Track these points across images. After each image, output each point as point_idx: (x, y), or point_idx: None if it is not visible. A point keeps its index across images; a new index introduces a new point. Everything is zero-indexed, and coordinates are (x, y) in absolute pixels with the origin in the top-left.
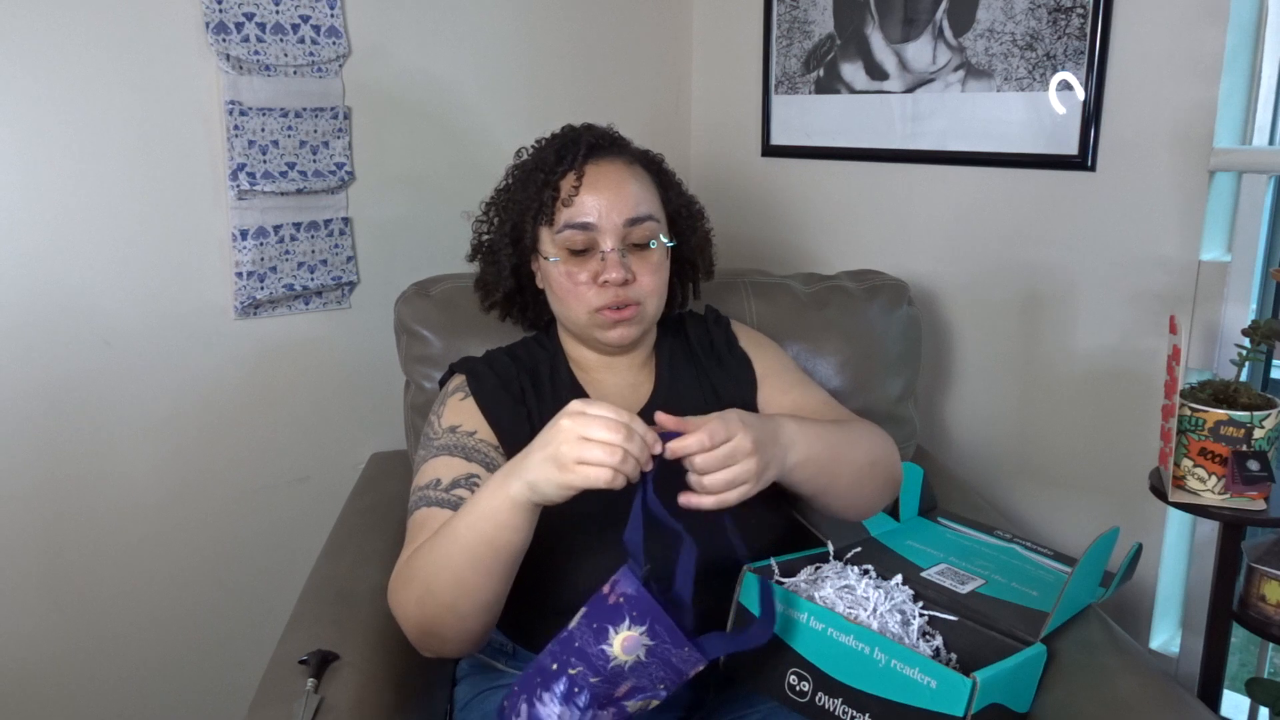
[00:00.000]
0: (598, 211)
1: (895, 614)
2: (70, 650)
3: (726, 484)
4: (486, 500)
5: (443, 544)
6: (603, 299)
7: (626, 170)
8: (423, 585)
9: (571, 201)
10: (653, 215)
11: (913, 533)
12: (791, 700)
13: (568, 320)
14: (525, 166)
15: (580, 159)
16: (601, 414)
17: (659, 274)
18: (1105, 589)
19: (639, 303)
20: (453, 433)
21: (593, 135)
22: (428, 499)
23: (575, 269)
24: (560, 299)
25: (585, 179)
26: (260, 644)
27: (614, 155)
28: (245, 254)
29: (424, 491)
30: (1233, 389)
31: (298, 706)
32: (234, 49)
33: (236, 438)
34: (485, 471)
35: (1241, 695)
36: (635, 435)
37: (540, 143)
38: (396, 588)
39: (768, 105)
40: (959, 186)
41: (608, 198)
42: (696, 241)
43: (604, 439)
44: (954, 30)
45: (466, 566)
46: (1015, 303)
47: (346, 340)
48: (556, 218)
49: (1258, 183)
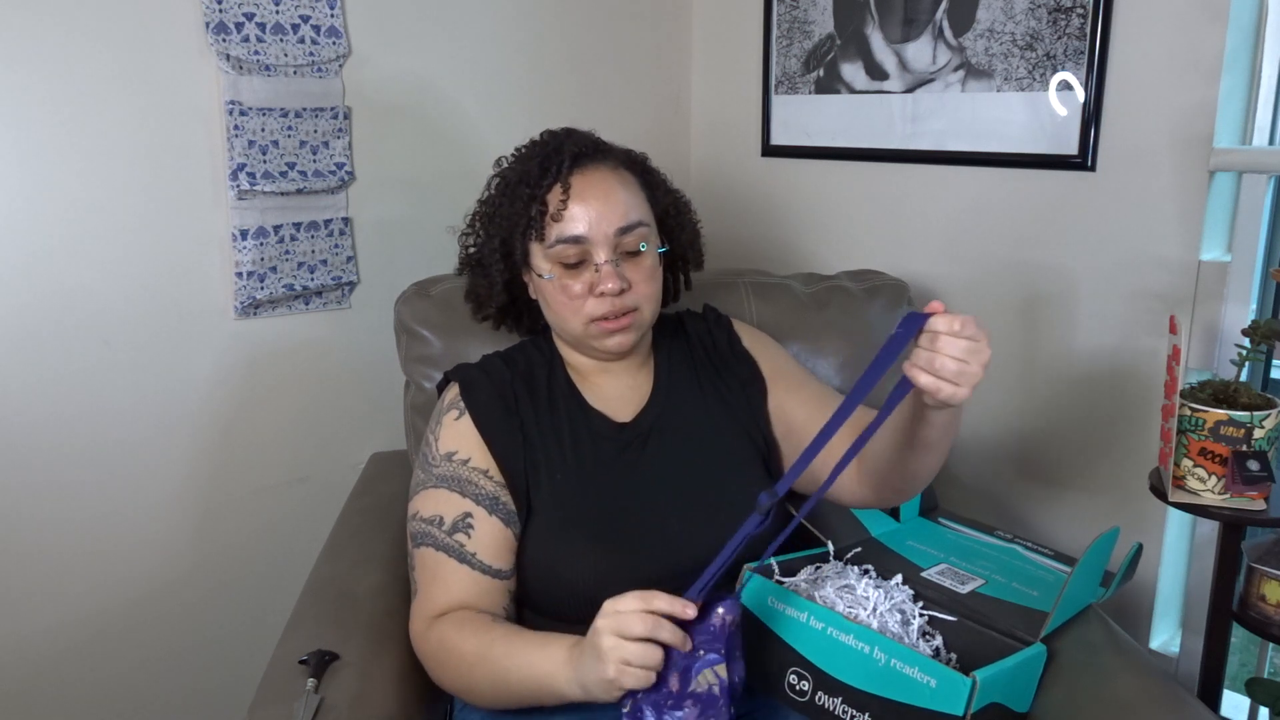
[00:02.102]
0: (588, 223)
1: (895, 614)
2: (70, 650)
3: (954, 375)
4: (539, 681)
5: (490, 674)
6: (599, 309)
7: (613, 176)
8: (464, 684)
9: (561, 215)
10: (643, 221)
11: (913, 533)
12: (791, 699)
13: (564, 332)
14: (508, 179)
15: (565, 170)
16: (631, 608)
17: (653, 279)
18: (1105, 589)
19: (636, 309)
20: (449, 461)
21: (575, 144)
22: (433, 539)
23: (570, 282)
24: (556, 313)
25: (572, 191)
26: (260, 644)
27: (598, 162)
28: (245, 254)
29: (428, 528)
30: (1233, 389)
31: (298, 706)
32: (234, 49)
33: (236, 438)
34: (479, 509)
35: (1241, 695)
36: (663, 624)
37: (520, 151)
38: (433, 662)
39: (768, 105)
40: (959, 187)
41: (597, 208)
42: (686, 237)
43: (639, 634)
44: (954, 30)
45: (511, 701)
46: (1015, 303)
47: (346, 340)
48: (547, 233)
49: (1258, 183)
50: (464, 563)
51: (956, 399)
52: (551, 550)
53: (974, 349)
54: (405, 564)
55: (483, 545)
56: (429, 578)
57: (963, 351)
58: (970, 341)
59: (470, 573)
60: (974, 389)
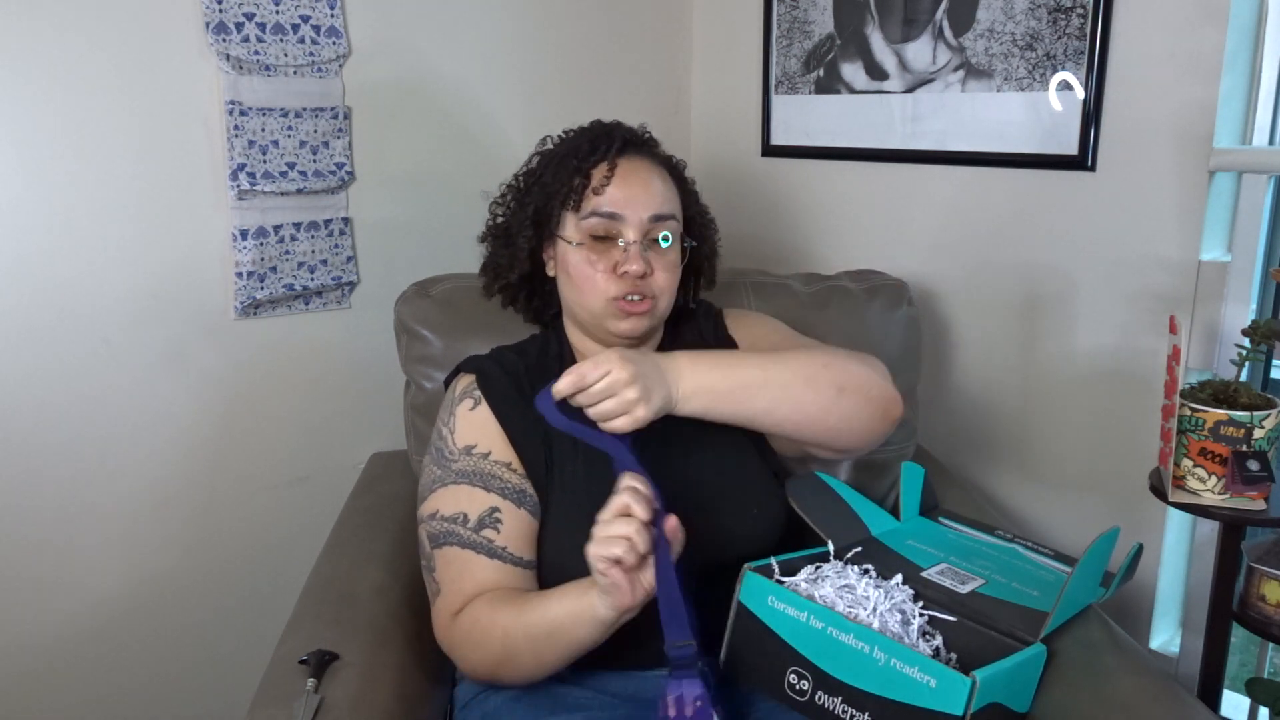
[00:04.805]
0: (625, 201)
1: (895, 613)
2: (69, 650)
3: (611, 413)
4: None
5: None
6: (619, 289)
7: (655, 169)
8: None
9: (601, 190)
10: (675, 215)
11: (913, 532)
12: (791, 699)
13: (580, 307)
14: (555, 153)
15: (614, 151)
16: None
17: (674, 273)
18: (1106, 589)
19: (653, 298)
20: (469, 455)
21: (625, 131)
22: (458, 537)
23: (596, 256)
24: (577, 286)
25: (617, 170)
26: (260, 644)
27: (645, 154)
28: (245, 254)
29: (451, 526)
30: (1233, 389)
31: (298, 706)
32: (234, 49)
33: (236, 438)
34: (505, 502)
35: (1241, 695)
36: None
37: (569, 133)
38: (468, 645)
39: (768, 105)
40: (959, 186)
41: (636, 192)
42: (706, 250)
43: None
44: (954, 30)
45: (552, 657)
46: (1015, 303)
47: (346, 340)
48: (584, 204)
49: (1258, 183)
50: (494, 557)
51: (638, 422)
52: (562, 545)
53: (608, 384)
54: (405, 563)
55: (512, 539)
56: (454, 575)
57: (601, 393)
58: (598, 384)
59: (501, 566)
60: (652, 406)
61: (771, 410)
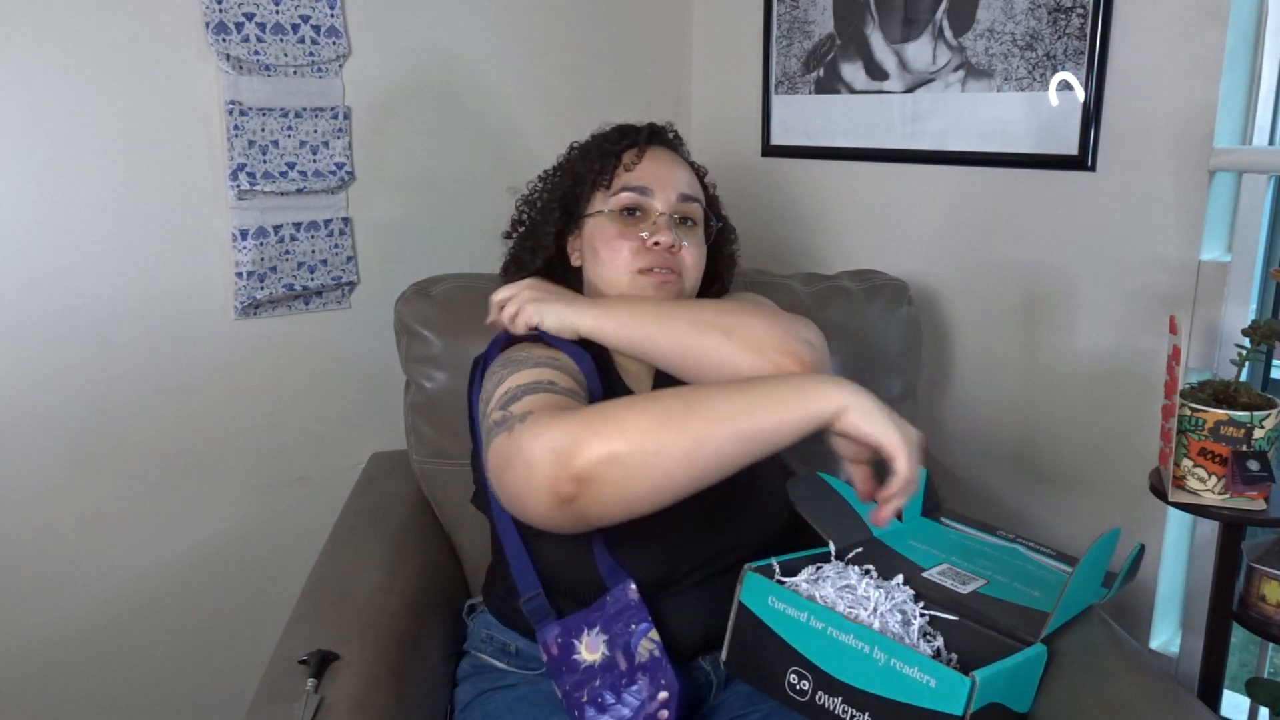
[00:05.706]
0: (655, 179)
1: (896, 614)
2: (68, 650)
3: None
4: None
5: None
6: (647, 260)
7: (681, 163)
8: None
9: (632, 167)
10: (700, 201)
11: (915, 533)
12: (791, 699)
13: (605, 281)
14: (585, 147)
15: (644, 140)
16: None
17: (700, 250)
18: (1108, 589)
19: (680, 273)
20: (553, 360)
21: (655, 127)
22: (545, 386)
23: (625, 229)
24: (604, 259)
25: (646, 155)
26: (260, 644)
27: (673, 149)
28: (245, 254)
29: (535, 385)
30: (1233, 389)
31: (298, 706)
32: (234, 49)
33: (236, 438)
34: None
35: (1241, 695)
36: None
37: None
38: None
39: (768, 105)
40: (959, 186)
41: (665, 172)
42: (723, 258)
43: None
44: (954, 30)
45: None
46: (1015, 303)
47: (346, 340)
48: (615, 181)
49: (1258, 183)
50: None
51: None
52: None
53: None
54: (405, 563)
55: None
56: (550, 404)
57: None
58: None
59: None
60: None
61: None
